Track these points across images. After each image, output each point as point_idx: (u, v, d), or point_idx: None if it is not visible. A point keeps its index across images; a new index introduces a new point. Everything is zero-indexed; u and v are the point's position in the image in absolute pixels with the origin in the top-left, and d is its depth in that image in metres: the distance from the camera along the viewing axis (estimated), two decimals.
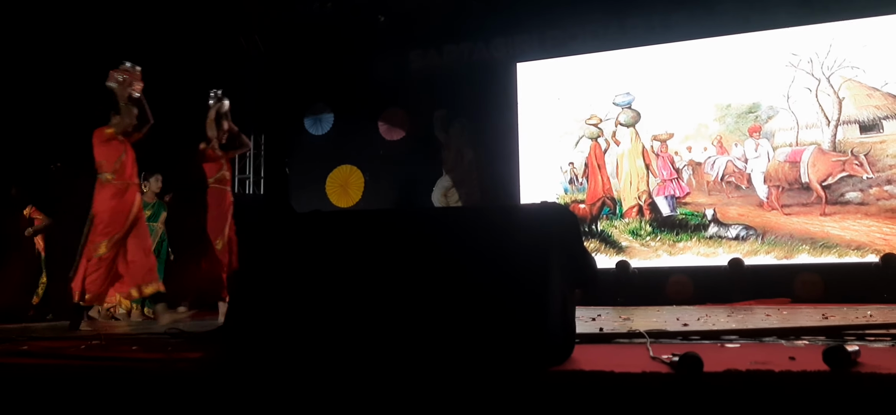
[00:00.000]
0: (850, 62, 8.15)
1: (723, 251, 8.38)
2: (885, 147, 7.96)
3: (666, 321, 4.92)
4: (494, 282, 2.32)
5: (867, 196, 7.97)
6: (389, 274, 2.41)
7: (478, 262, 2.38)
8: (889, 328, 3.35)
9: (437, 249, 2.42)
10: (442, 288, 2.33)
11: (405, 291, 2.36)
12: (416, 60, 9.83)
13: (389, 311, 2.33)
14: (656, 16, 8.82)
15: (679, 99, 8.74)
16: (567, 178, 9.12)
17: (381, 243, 2.48)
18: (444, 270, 2.37)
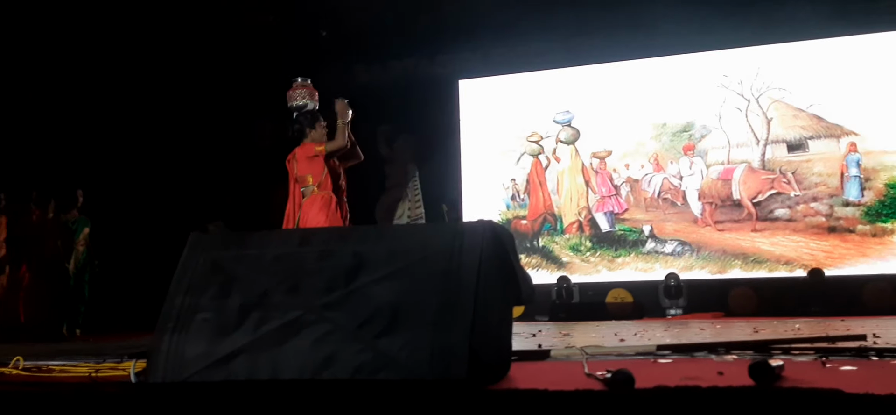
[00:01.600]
0: (777, 84, 8.49)
1: (659, 266, 8.58)
2: (811, 166, 8.30)
3: (604, 337, 5.00)
4: (427, 301, 2.32)
5: (795, 213, 8.29)
6: (314, 289, 2.38)
7: (409, 281, 2.37)
8: (813, 342, 3.47)
9: (366, 268, 2.40)
10: (372, 307, 2.31)
11: (332, 312, 2.33)
12: (361, 75, 9.79)
13: (314, 328, 2.30)
14: (596, 36, 9.01)
15: (617, 117, 8.94)
16: (509, 194, 9.21)
17: (301, 258, 2.45)
18: (373, 290, 2.35)
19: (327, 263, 2.49)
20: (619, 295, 8.50)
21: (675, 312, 8.12)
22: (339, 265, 2.48)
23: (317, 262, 2.47)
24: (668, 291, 8.23)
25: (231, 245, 2.57)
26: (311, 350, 2.32)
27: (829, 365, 2.62)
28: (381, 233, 2.53)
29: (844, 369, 2.49)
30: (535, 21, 9.15)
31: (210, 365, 2.34)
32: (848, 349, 3.25)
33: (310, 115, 4.97)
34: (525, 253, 9.12)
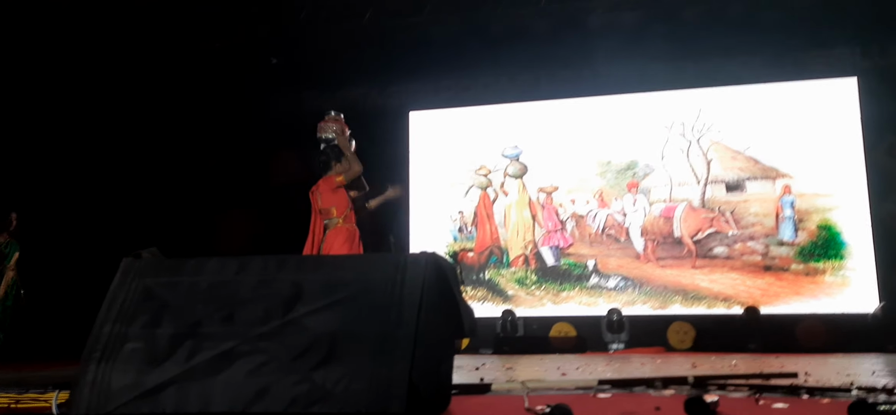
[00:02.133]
0: (717, 126, 8.76)
1: (603, 301, 8.69)
2: (748, 206, 8.56)
3: (547, 370, 5.02)
4: (366, 333, 2.28)
5: (732, 251, 8.52)
6: (249, 319, 2.32)
7: (349, 312, 2.33)
8: (748, 379, 3.55)
9: (304, 298, 2.35)
10: (309, 338, 2.26)
11: (268, 343, 2.27)
12: (310, 102, 9.72)
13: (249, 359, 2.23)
14: (544, 73, 9.18)
15: (564, 154, 9.08)
16: (456, 226, 9.23)
17: (238, 287, 2.39)
18: (311, 320, 2.30)
19: (264, 293, 2.43)
20: (562, 329, 8.56)
21: (618, 346, 8.22)
22: (276, 295, 2.43)
23: (253, 291, 2.41)
24: (611, 325, 8.33)
25: (164, 272, 2.49)
26: (245, 382, 2.26)
27: (762, 402, 2.67)
28: (321, 262, 2.49)
29: (776, 407, 2.54)
30: (485, 56, 9.28)
31: (137, 397, 2.25)
32: (781, 387, 3.33)
33: (337, 148, 5.07)
34: (471, 285, 9.13)
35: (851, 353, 7.64)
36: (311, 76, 9.58)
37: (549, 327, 8.62)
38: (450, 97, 9.47)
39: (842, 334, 7.92)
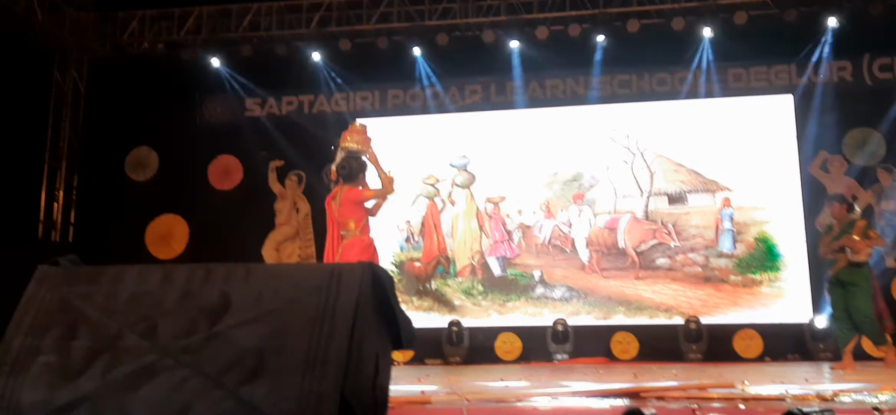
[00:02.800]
0: (660, 139, 8.90)
1: (548, 311, 8.72)
2: (690, 218, 8.72)
3: (490, 382, 4.98)
4: (296, 345, 2.18)
5: (674, 263, 8.66)
6: (172, 331, 2.20)
7: (278, 324, 2.23)
8: (686, 390, 3.57)
9: (232, 309, 2.24)
10: (236, 352, 2.15)
11: (191, 357, 2.16)
12: (254, 108, 9.54)
13: (171, 374, 2.12)
14: (493, 83, 9.20)
15: (511, 164, 9.10)
16: (404, 236, 9.15)
17: (160, 297, 2.27)
18: (238, 333, 2.20)
19: (189, 304, 2.31)
20: (508, 339, 8.55)
21: (562, 356, 8.25)
22: (202, 306, 2.31)
23: (177, 302, 2.29)
24: (556, 335, 8.36)
25: (82, 281, 2.35)
26: (166, 398, 2.14)
27: (699, 413, 2.67)
28: (250, 271, 2.38)
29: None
30: (434, 65, 9.25)
31: (49, 414, 2.11)
32: (718, 397, 3.35)
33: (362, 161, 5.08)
34: (417, 295, 9.05)
35: (786, 361, 7.84)
36: (254, 81, 9.40)
37: (494, 338, 8.60)
38: (397, 106, 9.41)
39: (777, 342, 8.13)
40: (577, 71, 9.17)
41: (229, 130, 9.46)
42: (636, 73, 9.03)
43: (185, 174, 9.37)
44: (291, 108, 9.52)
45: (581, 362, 7.96)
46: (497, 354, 8.50)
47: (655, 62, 8.99)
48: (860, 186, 8.51)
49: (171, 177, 9.43)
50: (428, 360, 8.39)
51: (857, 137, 8.55)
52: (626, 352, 8.35)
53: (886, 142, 8.47)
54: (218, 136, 9.47)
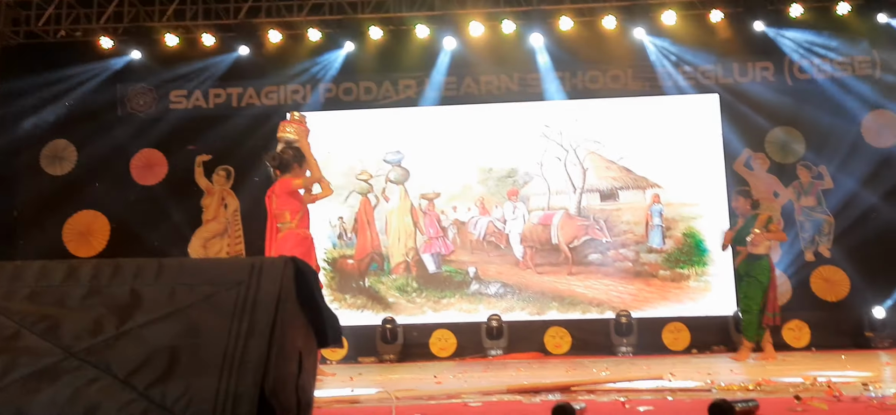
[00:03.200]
0: (593, 136, 9.02)
1: (483, 307, 8.72)
2: (621, 214, 8.86)
3: (423, 379, 4.91)
4: (212, 344, 2.06)
5: (606, 258, 8.79)
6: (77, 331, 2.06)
7: (193, 321, 2.11)
8: (616, 383, 3.58)
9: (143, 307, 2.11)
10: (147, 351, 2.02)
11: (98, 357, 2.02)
12: (179, 101, 9.20)
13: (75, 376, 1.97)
14: (427, 79, 9.14)
15: (446, 160, 9.06)
16: (336, 232, 8.99)
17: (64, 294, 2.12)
18: (149, 331, 2.07)
19: (95, 301, 2.16)
20: (442, 336, 8.52)
21: (496, 352, 8.26)
22: (110, 304, 2.16)
23: (82, 299, 2.14)
24: (490, 332, 8.37)
25: None
26: (69, 402, 1.99)
27: (629, 405, 2.67)
28: (163, 267, 2.24)
29: (642, 410, 2.54)
30: (367, 59, 9.13)
31: None
32: (647, 390, 3.38)
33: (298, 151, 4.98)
34: (351, 293, 8.92)
35: (711, 353, 8.07)
36: (178, 72, 9.07)
37: (429, 335, 8.55)
38: (330, 100, 9.23)
39: (704, 335, 8.36)
40: (511, 68, 9.20)
41: (153, 123, 9.10)
42: (569, 71, 9.12)
43: (106, 168, 8.96)
44: (219, 101, 9.22)
45: (515, 358, 7.99)
46: (432, 351, 8.45)
47: (588, 60, 9.10)
48: (781, 183, 8.83)
49: (90, 171, 9.01)
50: (361, 358, 8.27)
51: (779, 136, 8.87)
52: (559, 347, 8.43)
53: (806, 140, 8.80)
54: (141, 129, 9.10)
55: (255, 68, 9.13)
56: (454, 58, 9.09)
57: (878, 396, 2.85)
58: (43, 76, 8.80)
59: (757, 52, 8.96)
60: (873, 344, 7.94)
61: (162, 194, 8.94)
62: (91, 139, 9.00)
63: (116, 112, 9.13)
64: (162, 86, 9.12)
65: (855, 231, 8.47)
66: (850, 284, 8.50)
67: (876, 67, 8.78)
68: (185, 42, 8.92)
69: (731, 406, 2.13)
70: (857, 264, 8.44)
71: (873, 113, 8.74)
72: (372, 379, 5.13)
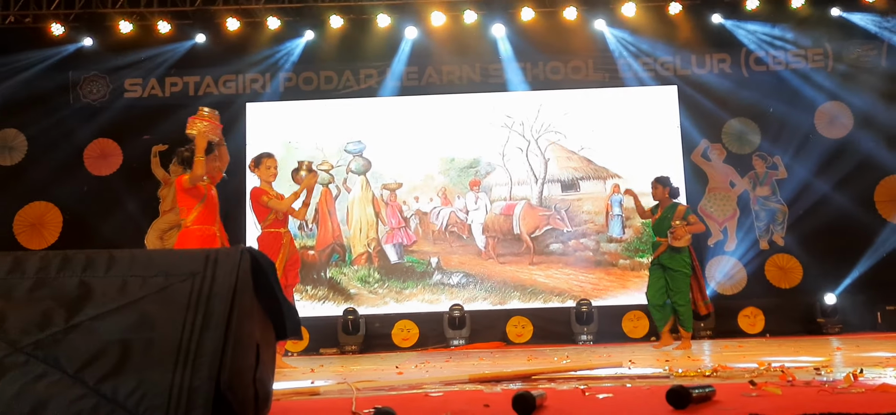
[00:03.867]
0: (554, 127, 9.08)
1: (445, 298, 8.72)
2: (582, 204, 8.95)
3: (385, 370, 4.89)
4: (166, 337, 2.01)
5: (567, 248, 8.87)
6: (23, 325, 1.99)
7: (146, 314, 2.05)
8: (576, 371, 3.61)
9: (94, 300, 2.05)
10: (98, 346, 1.97)
11: (46, 352, 1.96)
12: (133, 89, 8.98)
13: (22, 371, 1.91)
14: (389, 68, 9.07)
15: (408, 151, 9.03)
16: (296, 223, 8.88)
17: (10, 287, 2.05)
18: (100, 325, 2.01)
19: (43, 294, 2.09)
20: (405, 327, 8.50)
21: (459, 342, 8.28)
22: (58, 296, 2.10)
23: (29, 292, 2.07)
24: (453, 322, 8.38)
25: None
26: (16, 398, 1.92)
27: (589, 393, 2.69)
28: (114, 259, 2.18)
29: (602, 398, 2.56)
30: (327, 49, 9.03)
31: None
32: (607, 377, 3.41)
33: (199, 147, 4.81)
34: (312, 284, 8.84)
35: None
36: (136, 63, 8.86)
37: (391, 325, 8.52)
38: (290, 89, 9.11)
39: None
40: (472, 58, 9.20)
41: (107, 112, 8.87)
42: (530, 62, 9.15)
43: (58, 158, 8.71)
44: (176, 89, 9.03)
45: (477, 347, 8.02)
46: (394, 341, 8.43)
47: (549, 51, 9.14)
48: (737, 173, 9.01)
49: (42, 161, 8.75)
50: (323, 349, 8.22)
51: (735, 127, 9.04)
52: (521, 336, 8.49)
53: (761, 131, 8.99)
54: (94, 118, 8.86)
55: (213, 56, 8.95)
56: (416, 47, 9.05)
57: (829, 380, 2.92)
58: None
59: (714, 44, 9.11)
60: (825, 330, 8.16)
61: (117, 185, 8.73)
62: (42, 128, 8.74)
63: (69, 100, 8.88)
64: (116, 73, 8.89)
65: (808, 220, 8.70)
66: (803, 272, 8.72)
67: (829, 59, 9.00)
68: (140, 29, 8.72)
69: (688, 392, 2.16)
70: (809, 252, 8.67)
71: (826, 104, 8.96)
72: (333, 370, 5.09)
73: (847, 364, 3.88)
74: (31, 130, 8.81)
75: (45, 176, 8.69)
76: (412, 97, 9.16)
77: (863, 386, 2.61)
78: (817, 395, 2.41)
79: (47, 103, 8.75)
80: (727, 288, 8.81)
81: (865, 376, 2.95)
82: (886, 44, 8.87)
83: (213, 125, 4.92)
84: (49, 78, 8.73)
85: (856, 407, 2.04)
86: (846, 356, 4.75)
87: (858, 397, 2.37)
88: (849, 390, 2.54)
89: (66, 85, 8.86)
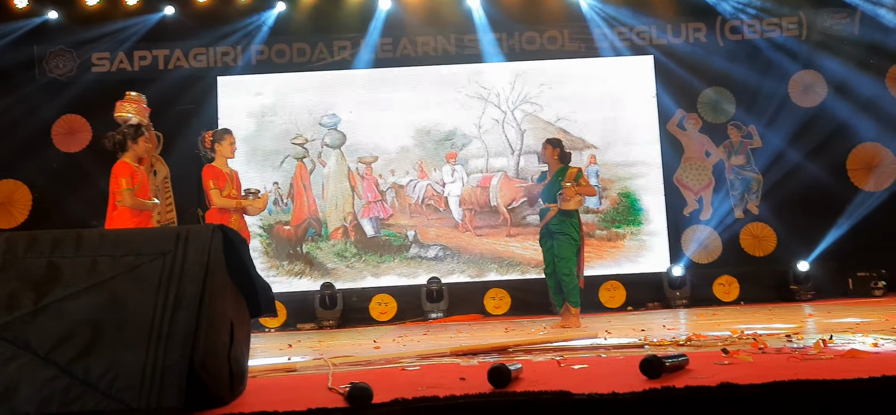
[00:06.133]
0: (530, 98, 9.06)
1: (422, 271, 8.73)
2: None
3: (362, 345, 4.89)
4: (138, 316, 1.99)
5: None
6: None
7: (117, 294, 2.03)
8: (553, 343, 3.63)
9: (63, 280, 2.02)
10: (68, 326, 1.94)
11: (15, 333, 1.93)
12: (101, 64, 8.78)
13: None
14: (363, 40, 8.96)
15: (383, 123, 8.96)
16: (271, 198, 8.80)
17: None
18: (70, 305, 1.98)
19: (9, 276, 2.05)
20: (383, 301, 8.50)
21: (436, 315, 8.30)
22: (26, 278, 2.06)
23: None
24: (430, 295, 8.39)
25: None
26: None
27: (564, 364, 2.71)
28: (83, 239, 2.14)
29: (577, 368, 2.58)
30: (299, 20, 8.90)
31: None
32: (583, 348, 3.44)
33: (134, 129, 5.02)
34: (288, 259, 8.79)
35: (646, 309, 8.31)
36: (103, 36, 8.65)
37: (369, 300, 8.51)
38: (262, 62, 8.97)
39: (639, 292, 8.58)
40: (447, 29, 9.12)
41: (74, 88, 8.67)
42: (506, 32, 9.09)
43: (25, 135, 8.50)
44: (145, 63, 8.84)
45: (456, 320, 8.05)
46: (372, 315, 8.43)
47: (524, 21, 9.09)
48: (713, 143, 9.08)
49: (8, 138, 8.53)
50: (300, 325, 8.20)
51: (711, 96, 9.09)
52: (498, 308, 8.53)
53: (736, 100, 9.05)
54: (61, 93, 8.66)
55: (183, 29, 8.77)
56: (390, 18, 8.94)
57: (799, 346, 2.97)
58: None
59: (690, 13, 9.11)
60: (797, 297, 8.30)
61: (86, 162, 8.55)
62: (7, 104, 8.53)
63: (34, 75, 8.65)
64: (82, 47, 8.67)
65: (782, 188, 8.80)
66: (777, 240, 8.85)
67: (802, 28, 9.06)
68: (107, 1, 8.50)
69: (661, 362, 2.18)
70: (783, 221, 8.78)
71: (800, 73, 9.03)
72: (310, 346, 5.08)
73: (818, 331, 3.95)
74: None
75: (11, 153, 8.49)
76: (387, 69, 9.06)
77: (832, 352, 2.66)
78: (787, 361, 2.45)
79: (11, 79, 8.53)
80: (702, 257, 8.91)
81: (835, 343, 3.00)
82: (860, 12, 8.94)
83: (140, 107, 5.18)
84: (13, 52, 8.49)
85: (824, 373, 2.08)
86: (818, 323, 4.84)
87: (827, 362, 2.41)
88: (818, 356, 2.59)
89: (31, 60, 8.62)
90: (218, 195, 5.41)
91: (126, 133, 4.97)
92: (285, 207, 8.87)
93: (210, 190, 5.44)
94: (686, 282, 8.51)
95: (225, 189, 5.46)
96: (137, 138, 4.99)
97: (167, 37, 8.78)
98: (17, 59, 8.52)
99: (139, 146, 4.99)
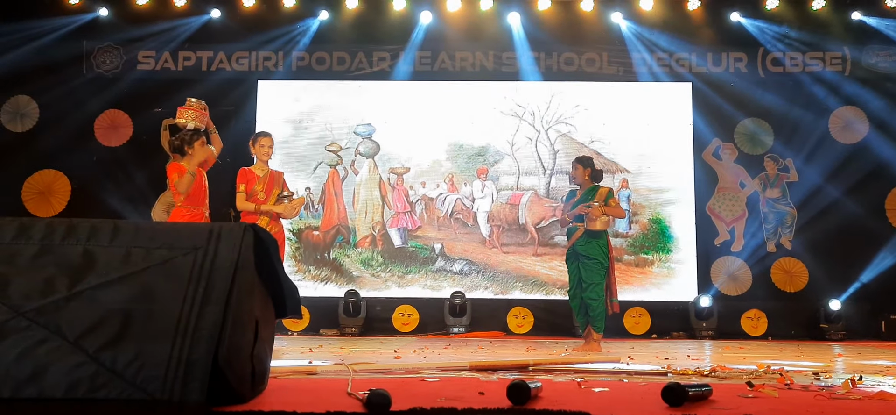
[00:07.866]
0: (565, 119, 9.04)
1: (447, 284, 8.73)
2: None
3: (383, 353, 4.92)
4: (167, 309, 2.03)
5: None
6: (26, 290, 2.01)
7: (148, 286, 2.07)
8: (574, 364, 3.61)
9: (97, 269, 2.07)
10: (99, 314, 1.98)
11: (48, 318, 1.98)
12: (146, 62, 8.99)
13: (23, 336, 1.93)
14: (402, 52, 9.05)
15: (417, 136, 9.02)
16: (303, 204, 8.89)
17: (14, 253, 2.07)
18: (103, 294, 2.03)
19: (47, 261, 2.11)
20: (405, 311, 8.52)
21: (458, 329, 8.30)
22: (62, 264, 2.12)
23: (33, 259, 2.09)
24: (453, 309, 8.39)
25: None
26: (16, 363, 1.94)
27: (585, 386, 2.69)
28: (119, 229, 2.20)
29: (597, 391, 2.57)
30: (341, 30, 9.01)
31: None
32: (604, 371, 3.42)
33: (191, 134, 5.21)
34: (315, 265, 8.87)
35: (671, 338, 8.20)
36: (151, 35, 8.86)
37: (392, 309, 8.54)
38: (302, 68, 9.10)
39: (664, 320, 8.49)
40: (486, 45, 9.16)
41: (119, 84, 8.89)
42: (544, 52, 9.11)
43: (69, 127, 8.74)
44: (188, 63, 9.03)
45: (477, 336, 8.04)
46: (394, 325, 8.46)
47: (564, 42, 9.10)
48: (748, 174, 8.96)
49: (52, 129, 8.78)
50: (323, 330, 8.25)
51: (749, 127, 8.98)
52: (521, 327, 8.50)
53: (775, 132, 8.93)
54: (107, 88, 8.88)
55: (227, 32, 8.95)
56: (430, 32, 9.02)
57: (827, 385, 2.92)
58: (4, 27, 8.53)
59: (732, 43, 9.03)
60: (828, 336, 8.13)
61: (126, 156, 8.76)
62: (54, 96, 8.78)
63: (82, 70, 8.90)
64: (129, 45, 8.90)
65: (817, 225, 8.65)
66: (809, 277, 8.68)
67: (846, 64, 8.92)
68: (156, 1, 8.72)
69: (684, 390, 2.16)
70: (816, 257, 8.62)
71: (841, 109, 8.89)
72: (332, 351, 5.12)
73: (847, 371, 3.87)
74: (44, 98, 8.84)
75: (55, 144, 8.73)
76: (424, 82, 9.14)
77: (861, 393, 2.61)
78: (814, 399, 2.41)
79: (60, 72, 8.77)
80: (731, 289, 8.78)
81: (864, 384, 2.94)
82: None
83: (201, 114, 5.30)
84: (63, 47, 8.75)
85: (852, 414, 2.04)
86: (847, 363, 4.74)
87: (855, 403, 2.37)
88: (846, 396, 2.54)
89: (80, 54, 8.88)
90: (241, 199, 5.63)
91: (183, 139, 5.14)
92: (316, 212, 8.96)
93: (237, 192, 5.66)
94: (713, 313, 8.39)
95: (253, 191, 5.58)
96: (194, 143, 5.12)
97: (212, 39, 8.97)
98: (67, 53, 8.77)
99: (195, 151, 5.11)
